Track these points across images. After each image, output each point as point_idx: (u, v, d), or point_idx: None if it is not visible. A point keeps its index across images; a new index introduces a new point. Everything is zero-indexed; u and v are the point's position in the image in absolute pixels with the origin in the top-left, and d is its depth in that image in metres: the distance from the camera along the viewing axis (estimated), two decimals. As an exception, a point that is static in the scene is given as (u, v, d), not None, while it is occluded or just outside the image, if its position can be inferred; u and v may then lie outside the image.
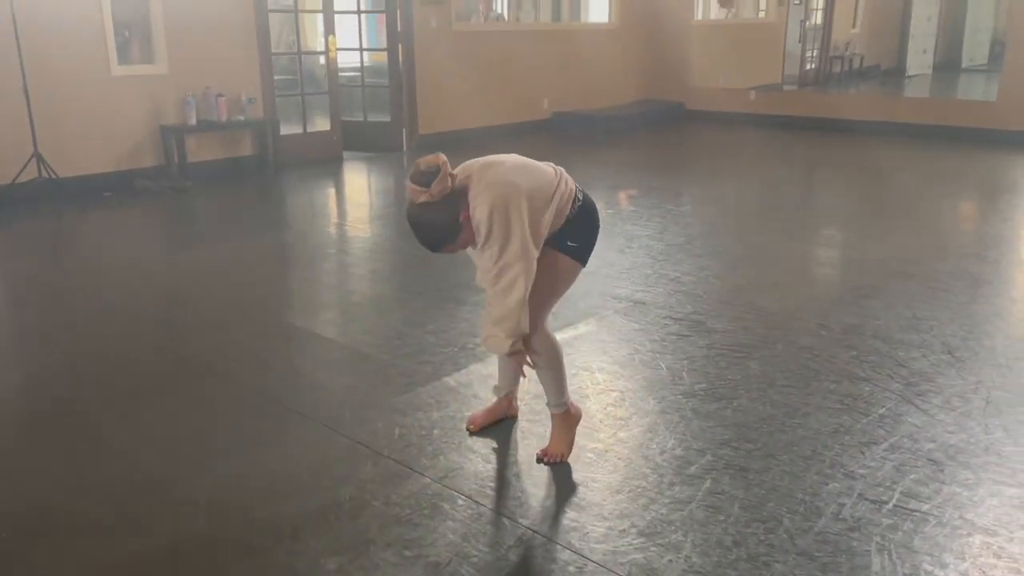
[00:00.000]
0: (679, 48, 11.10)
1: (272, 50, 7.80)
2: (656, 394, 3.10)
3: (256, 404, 3.09)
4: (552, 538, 2.27)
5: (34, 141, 6.17)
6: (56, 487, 2.57)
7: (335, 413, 2.98)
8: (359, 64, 9.14)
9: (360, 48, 9.00)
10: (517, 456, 2.71)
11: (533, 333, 2.54)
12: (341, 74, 8.56)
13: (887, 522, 2.31)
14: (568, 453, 2.64)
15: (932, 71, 15.49)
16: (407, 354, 3.48)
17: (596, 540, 2.25)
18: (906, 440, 2.75)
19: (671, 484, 2.51)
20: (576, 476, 2.57)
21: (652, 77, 11.27)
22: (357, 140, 8.68)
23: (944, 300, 4.08)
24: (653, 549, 2.21)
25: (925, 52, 15.49)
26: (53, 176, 6.26)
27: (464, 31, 9.16)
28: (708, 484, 2.50)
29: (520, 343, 2.39)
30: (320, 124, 8.41)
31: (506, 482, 2.57)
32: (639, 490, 2.48)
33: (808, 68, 13.93)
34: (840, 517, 2.33)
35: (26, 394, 3.27)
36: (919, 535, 2.25)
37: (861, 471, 2.56)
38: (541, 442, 2.74)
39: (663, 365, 3.36)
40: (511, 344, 2.37)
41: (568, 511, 2.40)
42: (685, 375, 3.26)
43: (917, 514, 2.34)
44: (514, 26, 9.92)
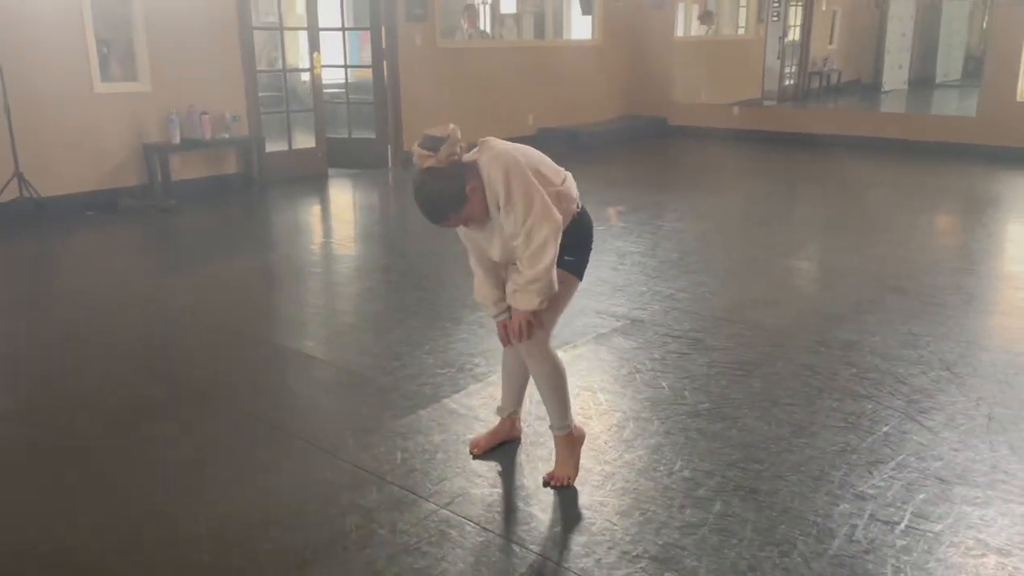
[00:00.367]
0: (661, 64, 11.17)
1: (257, 67, 7.75)
2: (660, 414, 3.08)
3: (254, 430, 3.03)
4: (564, 565, 2.23)
5: (15, 160, 6.08)
6: (48, 524, 2.49)
7: (336, 438, 2.92)
8: (343, 80, 9.11)
9: (345, 65, 8.98)
10: (523, 480, 2.67)
11: (539, 352, 2.52)
12: (324, 91, 8.52)
13: (901, 543, 2.29)
14: (575, 475, 2.60)
15: (907, 86, 15.72)
16: (406, 376, 3.44)
17: (609, 567, 2.21)
18: (912, 459, 2.74)
19: (681, 507, 2.48)
20: (584, 500, 2.54)
21: (635, 93, 11.32)
22: (342, 157, 8.64)
23: (939, 315, 4.10)
24: (668, 575, 2.17)
25: (900, 68, 15.72)
26: (35, 196, 6.16)
27: (449, 48, 9.16)
28: (718, 507, 2.47)
29: (547, 301, 2.39)
30: (305, 141, 8.36)
31: (513, 507, 2.52)
32: (649, 514, 2.45)
33: (787, 84, 14.09)
34: (854, 539, 2.31)
35: (10, 425, 3.18)
36: (934, 557, 2.23)
37: (871, 491, 2.54)
38: (546, 464, 2.70)
39: (665, 384, 3.33)
40: (540, 302, 2.37)
41: (578, 536, 2.36)
42: (688, 394, 3.24)
43: (930, 535, 2.33)
44: (498, 43, 9.94)
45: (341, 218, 7.21)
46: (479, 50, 9.62)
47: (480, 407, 3.14)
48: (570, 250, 2.47)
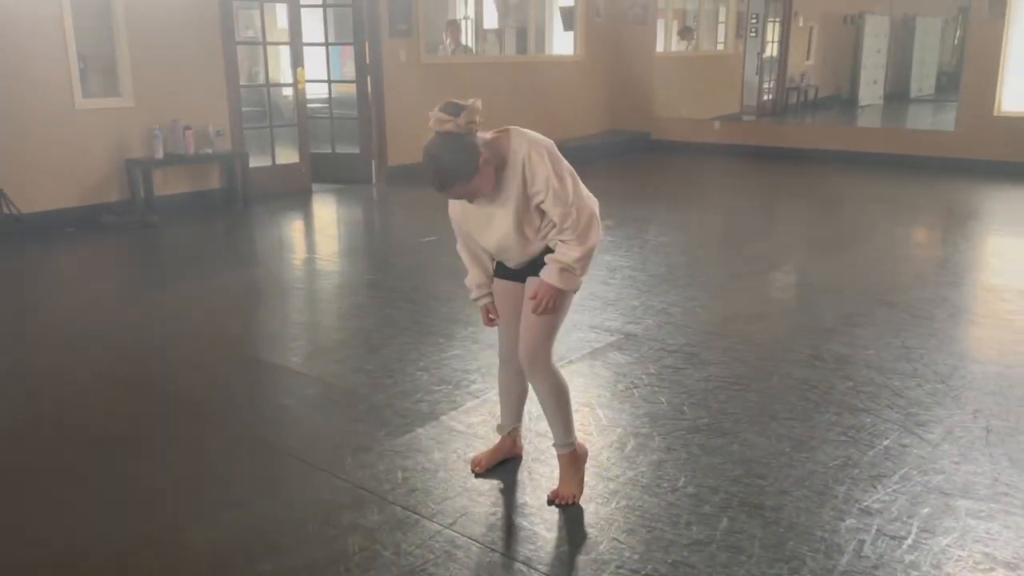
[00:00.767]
0: (643, 79, 11.23)
1: (240, 82, 7.70)
2: (660, 430, 3.06)
3: (251, 449, 2.97)
4: (573, 585, 2.20)
5: (-5, 176, 5.99)
6: (44, 545, 2.42)
7: (333, 457, 2.88)
8: (326, 96, 9.07)
9: (328, 80, 8.94)
10: (526, 498, 2.64)
11: (543, 370, 2.49)
12: (308, 106, 8.47)
13: (909, 559, 2.28)
14: (580, 494, 2.58)
15: (883, 101, 15.94)
16: (401, 393, 3.40)
17: (619, 586, 2.18)
18: (914, 472, 2.74)
19: (688, 524, 2.46)
20: (589, 518, 2.51)
21: (618, 107, 11.37)
22: (326, 172, 8.58)
23: (929, 328, 4.12)
24: (679, 594, 2.15)
25: (876, 83, 15.94)
26: (15, 212, 6.06)
27: (432, 63, 9.16)
28: (725, 523, 2.46)
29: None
30: (288, 156, 8.30)
31: (518, 526, 2.49)
32: (656, 531, 2.42)
33: (766, 99, 14.22)
34: (862, 555, 2.30)
35: (1, 445, 3.11)
36: (943, 572, 2.23)
37: (876, 506, 2.54)
38: (549, 482, 2.67)
39: (663, 399, 3.32)
40: (580, 283, 2.41)
41: (585, 556, 2.33)
42: (686, 409, 3.23)
43: (937, 549, 2.32)
44: (482, 58, 9.95)
45: (326, 233, 7.16)
46: (462, 65, 9.63)
47: (479, 424, 3.10)
48: None
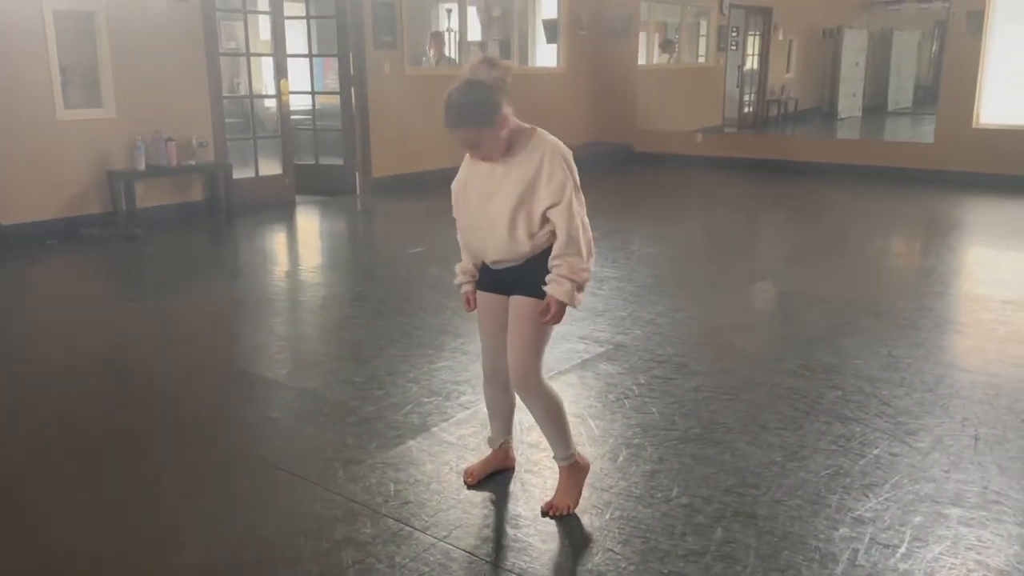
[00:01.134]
0: (625, 92, 11.30)
1: (223, 93, 7.66)
2: (652, 440, 3.06)
3: (240, 462, 2.94)
4: (570, 597, 2.19)
5: (-25, 188, 5.92)
6: (30, 562, 2.38)
7: (325, 470, 2.85)
8: (310, 107, 9.05)
9: (312, 91, 8.92)
10: (519, 509, 2.63)
11: (535, 386, 2.48)
12: (291, 117, 8.45)
13: (903, 567, 2.29)
14: (575, 505, 2.56)
15: (862, 114, 16.14)
16: (392, 405, 3.38)
17: (616, 597, 2.18)
18: (905, 481, 2.75)
19: (682, 534, 2.45)
20: (584, 529, 2.50)
21: (600, 120, 11.43)
22: (309, 184, 8.56)
23: (915, 338, 4.16)
24: (676, 604, 2.14)
25: (854, 96, 16.15)
26: (-5, 224, 6.00)
27: (417, 75, 9.17)
28: (719, 533, 2.45)
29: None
30: (271, 168, 8.27)
31: (513, 538, 2.47)
32: (650, 542, 2.42)
33: (746, 111, 14.35)
34: (856, 564, 2.31)
35: (-16, 458, 3.06)
36: (937, 579, 2.24)
37: (868, 515, 2.55)
38: (543, 493, 2.67)
39: (654, 409, 3.32)
40: (581, 299, 2.44)
41: (581, 567, 2.32)
42: (678, 419, 3.23)
43: (930, 557, 2.33)
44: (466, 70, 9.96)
45: (311, 245, 7.13)
46: (447, 77, 9.60)
47: (470, 436, 3.09)
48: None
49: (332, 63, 9.06)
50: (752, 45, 14.31)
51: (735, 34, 13.65)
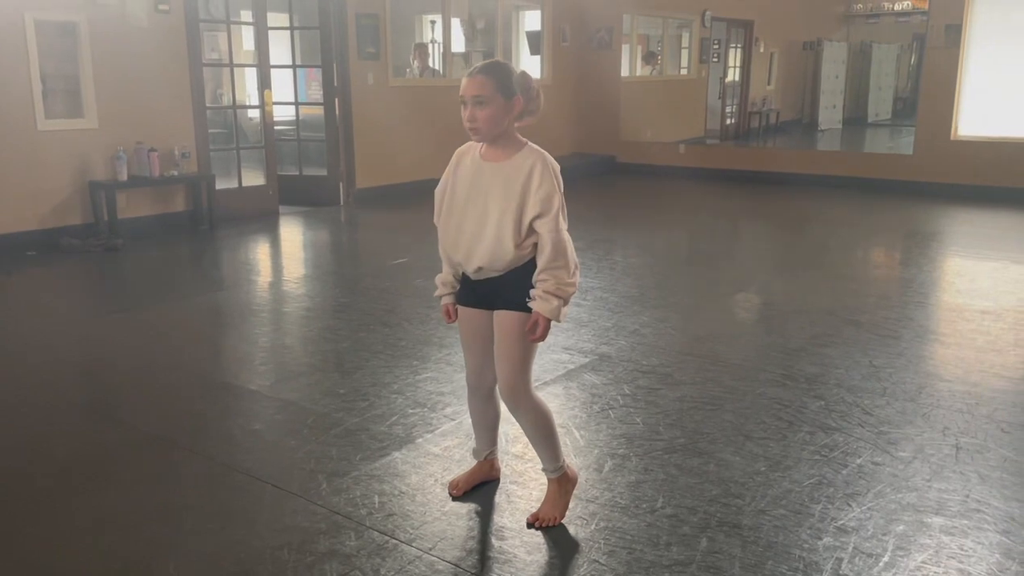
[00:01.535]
0: (609, 103, 11.37)
1: (206, 104, 7.64)
2: (637, 450, 3.06)
3: (222, 475, 2.92)
4: (555, 608, 2.19)
5: (-47, 198, 5.86)
6: (9, 576, 2.35)
7: (309, 482, 2.84)
8: (293, 117, 9.04)
9: (296, 102, 8.92)
10: (504, 520, 2.62)
11: (525, 400, 2.48)
12: (275, 128, 8.43)
13: (886, 576, 2.31)
14: (562, 517, 2.56)
15: (842, 125, 16.29)
16: (376, 416, 3.37)
17: (602, 608, 2.17)
18: (888, 490, 2.77)
19: (667, 545, 2.46)
20: (569, 541, 2.50)
21: (584, 131, 11.49)
22: (293, 194, 8.54)
23: (896, 348, 4.19)
24: (661, 615, 2.14)
25: (835, 107, 16.29)
26: (-26, 235, 5.94)
27: (401, 86, 9.17)
28: (704, 543, 2.46)
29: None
30: (254, 179, 8.24)
31: (499, 550, 2.47)
32: (636, 552, 2.42)
33: (728, 123, 14.45)
34: (840, 573, 2.32)
35: (-38, 472, 3.02)
36: (920, 588, 2.25)
37: (852, 524, 2.56)
38: (528, 504, 2.66)
39: (639, 420, 3.33)
40: (566, 313, 2.44)
41: (567, 578, 2.32)
42: (662, 429, 3.24)
43: (913, 566, 2.35)
44: (450, 81, 9.97)
45: (294, 256, 7.10)
46: (430, 88, 9.67)
47: (456, 447, 3.08)
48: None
49: (316, 74, 9.06)
50: (734, 57, 14.43)
51: (717, 46, 13.76)
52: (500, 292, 2.42)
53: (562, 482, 2.58)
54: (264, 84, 8.06)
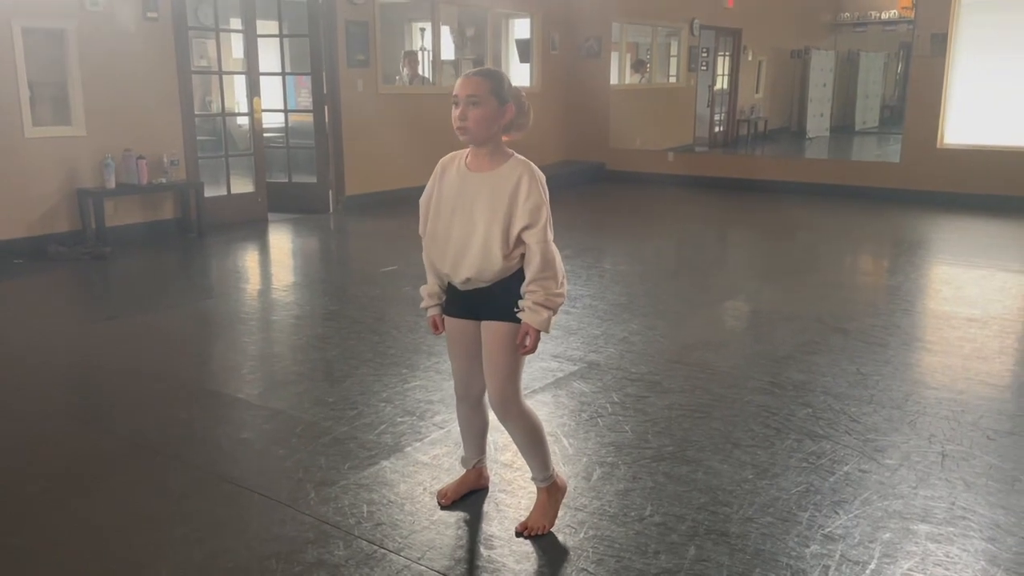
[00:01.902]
0: (598, 111, 11.41)
1: (195, 111, 7.63)
2: (625, 459, 3.07)
3: (210, 484, 2.91)
4: (544, 617, 2.19)
5: (-60, 206, 5.83)
6: (-6, 587, 2.34)
7: (297, 491, 2.83)
8: (282, 125, 9.04)
9: (285, 109, 8.91)
10: (493, 529, 2.62)
11: (515, 409, 2.49)
12: (264, 135, 8.42)
13: (873, 583, 2.32)
14: (550, 526, 2.56)
15: (830, 133, 16.39)
16: (365, 425, 3.36)
17: (590, 617, 2.18)
18: (874, 497, 2.78)
19: (656, 553, 2.46)
20: (558, 549, 2.50)
21: (573, 139, 11.52)
22: (282, 202, 8.52)
23: (883, 355, 4.22)
24: (649, 624, 2.15)
25: (822, 115, 16.39)
26: (-40, 242, 5.91)
27: (390, 94, 9.18)
28: (693, 552, 2.47)
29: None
30: (243, 186, 8.23)
31: (487, 558, 2.47)
32: (624, 561, 2.42)
33: (717, 130, 14.53)
34: (827, 580, 2.33)
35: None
36: (906, 595, 2.26)
37: (839, 532, 2.57)
38: (516, 512, 2.67)
39: (627, 428, 3.33)
40: (553, 322, 2.43)
41: (555, 587, 2.32)
42: (651, 437, 3.25)
43: (899, 574, 2.36)
44: (440, 89, 9.99)
45: (283, 264, 7.09)
46: (420, 96, 9.69)
47: (444, 455, 3.08)
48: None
49: (305, 81, 9.07)
50: (722, 65, 14.52)
51: (705, 55, 13.84)
52: (488, 302, 2.42)
53: (552, 491, 2.58)
54: (253, 91, 8.05)
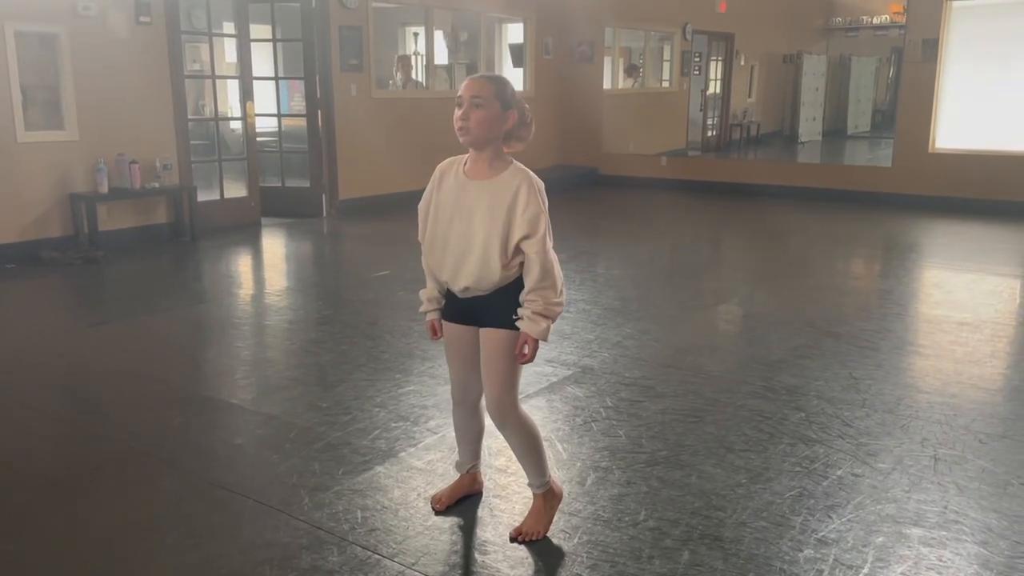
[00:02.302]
0: (591, 115, 11.43)
1: (188, 116, 7.62)
2: (619, 463, 3.07)
3: (203, 490, 2.90)
4: (538, 623, 2.19)
5: (-69, 210, 5.81)
6: (-14, 594, 2.33)
7: (291, 497, 2.83)
8: (275, 129, 9.03)
9: (278, 114, 8.91)
10: (488, 535, 2.62)
11: (513, 416, 2.49)
12: (257, 139, 8.41)
13: (866, 587, 2.32)
14: (545, 532, 2.57)
15: (822, 138, 16.45)
16: (359, 430, 3.36)
17: (584, 622, 2.18)
18: (868, 502, 2.79)
19: (650, 558, 2.47)
20: (552, 554, 2.50)
21: (566, 143, 11.54)
22: (275, 206, 8.52)
23: (875, 359, 4.23)
24: (644, 629, 2.15)
25: (815, 120, 16.46)
26: (-48, 247, 5.88)
27: (384, 98, 9.19)
28: (687, 556, 2.47)
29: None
30: (237, 190, 8.22)
31: (482, 564, 2.47)
32: (618, 566, 2.43)
33: (710, 135, 14.57)
34: (821, 584, 2.33)
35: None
36: (899, 599, 2.27)
37: (832, 536, 2.58)
38: (511, 518, 2.67)
39: (621, 433, 3.34)
40: (549, 332, 2.44)
41: (549, 592, 2.32)
42: (644, 442, 3.25)
43: (893, 577, 2.37)
44: (433, 93, 10.00)
45: (277, 268, 7.08)
46: (413, 100, 9.69)
47: (438, 461, 3.08)
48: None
49: (298, 85, 9.06)
50: (715, 70, 14.56)
51: (698, 59, 13.88)
52: (486, 309, 2.42)
53: (547, 497, 2.58)
54: (246, 96, 8.04)
